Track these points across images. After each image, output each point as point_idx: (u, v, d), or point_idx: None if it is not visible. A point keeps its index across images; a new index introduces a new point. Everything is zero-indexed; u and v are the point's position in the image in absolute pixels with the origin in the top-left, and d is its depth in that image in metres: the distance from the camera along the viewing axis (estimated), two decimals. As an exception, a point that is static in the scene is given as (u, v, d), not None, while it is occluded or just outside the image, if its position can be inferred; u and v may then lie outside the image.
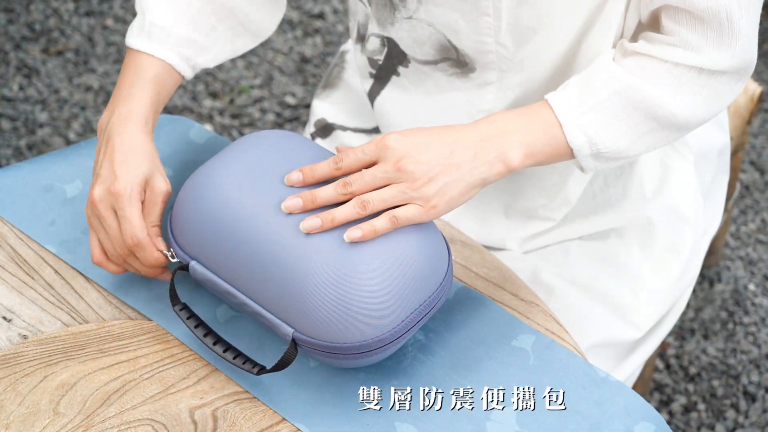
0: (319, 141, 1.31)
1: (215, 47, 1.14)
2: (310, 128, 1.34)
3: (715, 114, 1.04)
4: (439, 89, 1.16)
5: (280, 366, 0.95)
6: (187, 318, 1.00)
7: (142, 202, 1.03)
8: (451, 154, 0.97)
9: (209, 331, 0.99)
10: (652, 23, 1.05)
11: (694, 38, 0.99)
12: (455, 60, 1.12)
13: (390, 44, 1.16)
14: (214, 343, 0.98)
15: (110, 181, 1.01)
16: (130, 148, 1.03)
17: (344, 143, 1.29)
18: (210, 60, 1.14)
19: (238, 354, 0.97)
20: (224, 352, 0.97)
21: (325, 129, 1.32)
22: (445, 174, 0.96)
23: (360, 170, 0.97)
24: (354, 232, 0.93)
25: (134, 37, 1.10)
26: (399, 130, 1.06)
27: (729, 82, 1.02)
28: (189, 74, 1.12)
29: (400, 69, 1.17)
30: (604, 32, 1.05)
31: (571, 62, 1.09)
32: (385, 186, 0.96)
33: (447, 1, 1.06)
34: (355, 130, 1.30)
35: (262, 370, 0.96)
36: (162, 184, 1.03)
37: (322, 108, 1.33)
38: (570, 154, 1.02)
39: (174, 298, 1.01)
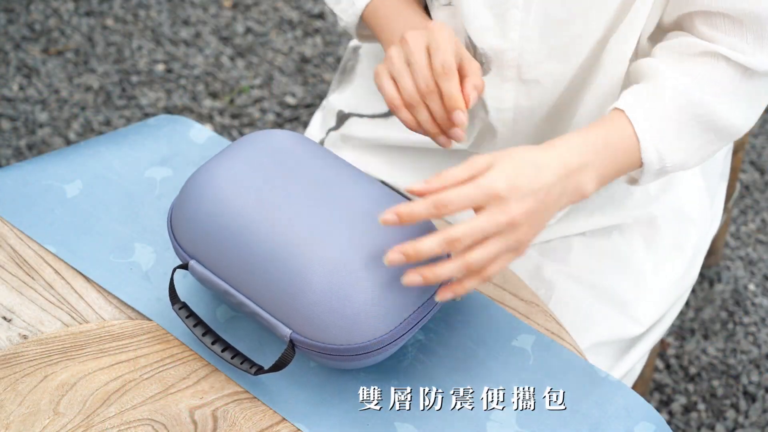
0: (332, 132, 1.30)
1: None
2: (330, 124, 1.33)
3: (755, 120, 1.04)
4: None
5: (277, 366, 0.95)
6: (186, 317, 1.00)
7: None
8: (547, 196, 0.93)
9: (207, 330, 0.99)
10: (676, 27, 1.04)
11: (735, 42, 0.99)
12: None
13: None
14: (213, 343, 0.98)
15: (425, 26, 1.00)
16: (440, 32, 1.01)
17: (360, 136, 1.28)
18: None
19: (236, 354, 0.97)
20: (222, 351, 0.97)
21: (340, 119, 1.31)
22: (540, 218, 0.94)
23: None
24: (445, 295, 0.92)
25: None
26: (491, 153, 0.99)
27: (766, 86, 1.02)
28: None
29: None
30: (630, 32, 1.04)
31: (595, 62, 1.08)
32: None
33: None
34: (372, 116, 1.29)
35: (260, 370, 0.96)
36: (474, 61, 1.01)
37: (339, 100, 1.32)
38: (635, 168, 1.00)
39: (173, 297, 1.01)
